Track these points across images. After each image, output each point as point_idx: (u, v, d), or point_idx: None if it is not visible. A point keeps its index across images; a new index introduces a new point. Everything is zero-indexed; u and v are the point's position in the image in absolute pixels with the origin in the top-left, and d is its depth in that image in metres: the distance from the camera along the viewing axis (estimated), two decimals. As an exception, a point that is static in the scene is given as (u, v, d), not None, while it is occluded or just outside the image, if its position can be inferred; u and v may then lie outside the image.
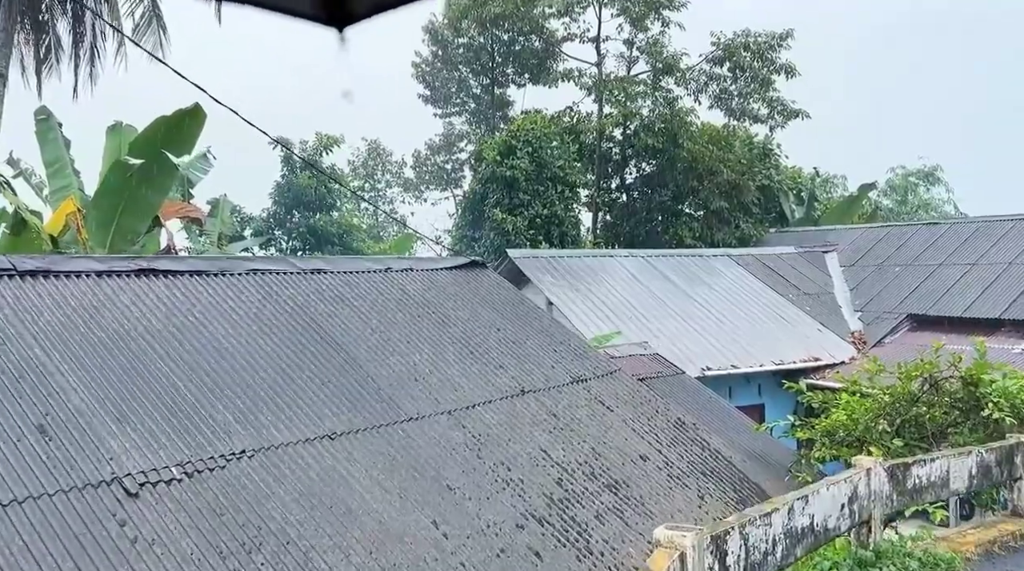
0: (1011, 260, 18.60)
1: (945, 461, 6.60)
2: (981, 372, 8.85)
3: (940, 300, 18.67)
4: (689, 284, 19.78)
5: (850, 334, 19.21)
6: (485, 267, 11.32)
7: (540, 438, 8.27)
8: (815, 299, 20.54)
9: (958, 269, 19.37)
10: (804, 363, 17.64)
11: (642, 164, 27.35)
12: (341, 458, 6.71)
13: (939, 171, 40.65)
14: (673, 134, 25.36)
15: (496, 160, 21.90)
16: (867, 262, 21.93)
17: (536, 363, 9.59)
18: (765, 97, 25.87)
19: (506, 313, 10.37)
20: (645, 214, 26.99)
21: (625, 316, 17.68)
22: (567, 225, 22.47)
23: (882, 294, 20.22)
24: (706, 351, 17.19)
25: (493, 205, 21.91)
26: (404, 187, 34.10)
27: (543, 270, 18.52)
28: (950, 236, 20.89)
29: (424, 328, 9.17)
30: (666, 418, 9.79)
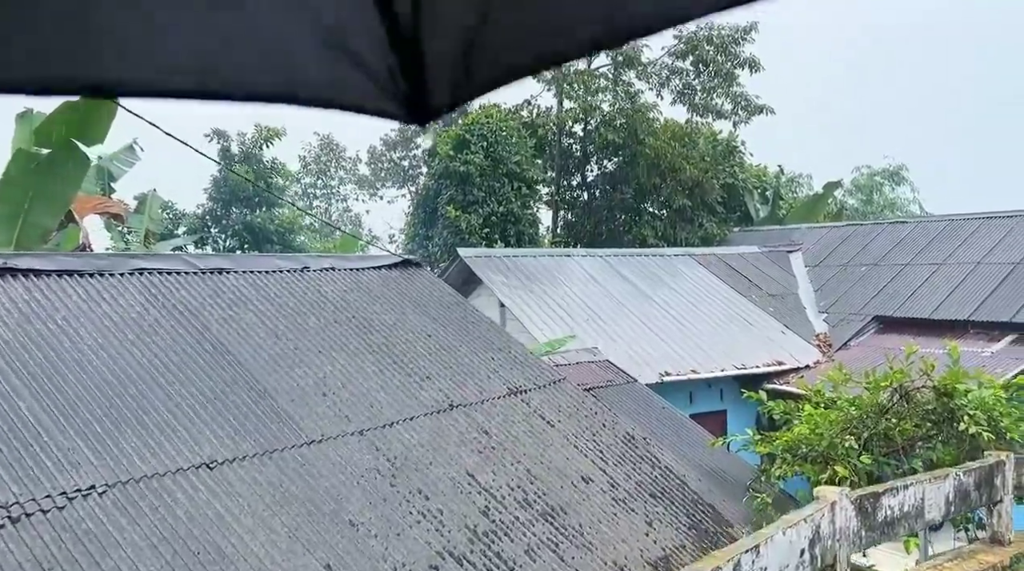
0: (979, 260, 18.02)
1: (919, 488, 5.74)
2: (955, 381, 8.04)
3: (907, 301, 18.03)
4: (649, 285, 18.95)
5: (815, 336, 18.50)
6: (420, 266, 10.33)
7: (467, 460, 7.30)
8: (779, 300, 19.82)
9: (925, 269, 18.76)
10: (767, 367, 16.88)
11: (604, 161, 26.52)
12: (219, 491, 5.68)
13: (904, 171, 40.42)
14: (635, 130, 24.55)
15: (449, 155, 20.91)
16: (832, 262, 21.28)
17: (470, 373, 8.62)
18: (729, 92, 25.17)
19: (440, 317, 9.39)
20: (606, 213, 26.15)
21: (581, 319, 16.78)
22: (524, 223, 21.55)
23: (848, 295, 19.56)
24: (665, 355, 16.35)
25: (446, 202, 20.91)
26: (359, 184, 32.96)
27: (496, 270, 17.56)
28: (916, 235, 20.30)
29: (340, 335, 8.16)
30: (613, 433, 8.87)
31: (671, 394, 16.10)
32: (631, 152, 25.16)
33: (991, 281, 17.10)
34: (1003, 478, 6.91)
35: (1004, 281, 16.88)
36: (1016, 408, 8.36)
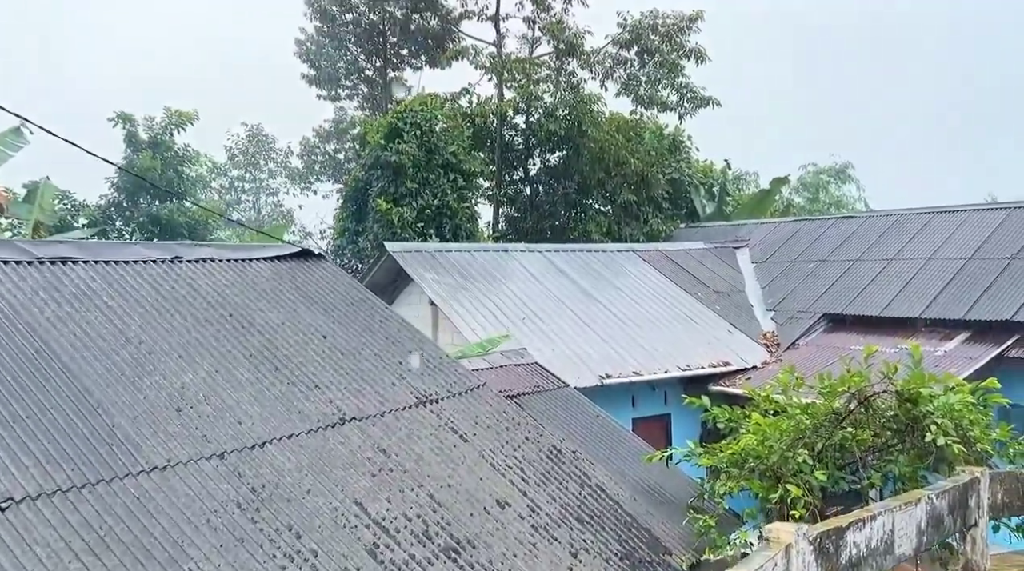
0: (929, 255, 17.42)
1: (888, 517, 4.73)
2: (920, 385, 7.11)
3: (857, 298, 17.34)
4: (591, 282, 17.95)
5: (762, 335, 17.70)
6: (322, 258, 9.08)
7: (356, 485, 6.11)
8: (725, 298, 19.00)
9: (875, 265, 18.12)
10: (713, 368, 16.00)
11: (547, 154, 25.48)
12: (13, 538, 4.40)
13: (850, 169, 40.39)
14: (578, 122, 23.56)
15: (380, 144, 19.63)
16: (779, 258, 20.57)
17: (371, 381, 7.42)
18: (674, 83, 24.34)
19: (341, 316, 8.17)
20: (549, 208, 25.12)
21: (518, 317, 15.68)
22: (461, 217, 20.36)
23: (795, 292, 18.83)
24: (606, 356, 15.33)
25: (377, 194, 19.63)
26: (291, 178, 31.31)
27: (427, 266, 16.35)
28: (865, 230, 19.69)
29: (210, 336, 6.89)
30: (538, 446, 7.75)
31: (612, 397, 15.11)
32: (574, 145, 24.18)
33: (942, 277, 16.49)
34: (978, 498, 5.98)
35: (955, 277, 16.28)
36: (984, 414, 7.48)
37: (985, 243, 16.79)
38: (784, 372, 8.50)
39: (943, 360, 14.31)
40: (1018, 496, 6.47)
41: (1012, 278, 15.36)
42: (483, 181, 25.08)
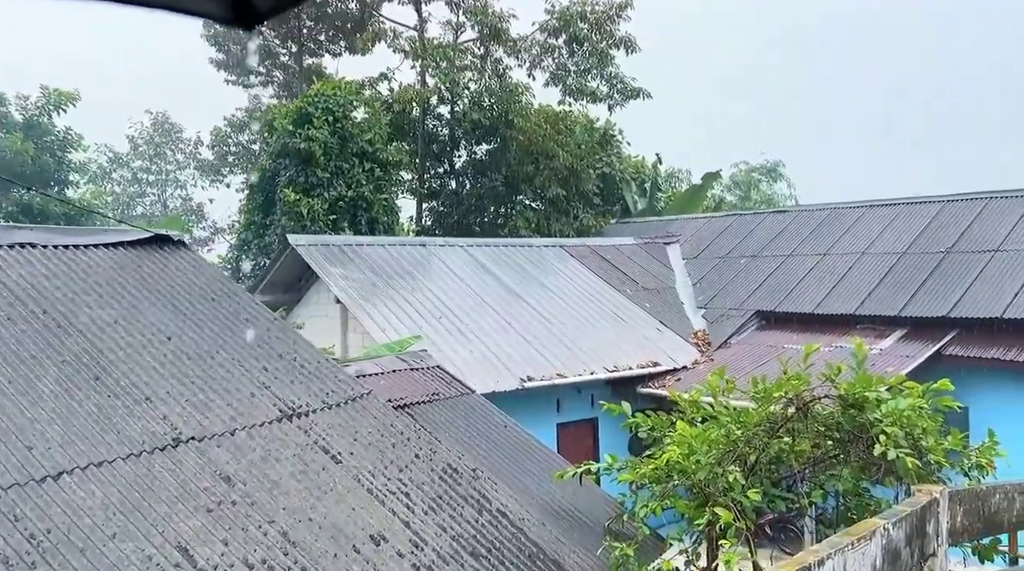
0: (863, 249, 16.85)
1: (839, 559, 3.74)
2: (866, 388, 6.16)
3: (790, 295, 16.65)
4: (515, 279, 16.85)
5: (692, 334, 16.88)
6: (182, 245, 7.72)
7: (185, 525, 4.83)
8: (655, 295, 18.14)
9: (807, 260, 17.49)
10: (641, 369, 15.07)
11: (473, 146, 24.31)
12: None
13: (781, 167, 40.30)
14: (505, 112, 22.45)
15: (288, 130, 18.17)
16: (711, 254, 19.84)
17: (223, 391, 6.14)
18: (604, 73, 23.45)
19: (196, 313, 6.85)
20: (475, 202, 23.96)
21: (434, 317, 14.47)
22: (378, 210, 19.03)
23: (727, 289, 18.08)
24: (529, 357, 14.25)
25: (285, 184, 18.16)
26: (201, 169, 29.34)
27: (335, 261, 15.01)
28: (798, 225, 19.09)
29: (12, 338, 5.52)
30: (430, 466, 6.58)
31: (535, 402, 14.05)
32: (501, 137, 23.07)
33: (877, 272, 15.91)
34: (936, 523, 5.04)
35: (890, 272, 15.71)
36: (934, 419, 6.60)
37: (919, 237, 16.29)
38: (713, 374, 7.52)
39: (879, 358, 13.64)
40: (979, 517, 5.56)
41: (947, 273, 14.84)
42: (405, 173, 23.80)
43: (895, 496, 7.24)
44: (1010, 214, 15.54)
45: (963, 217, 16.18)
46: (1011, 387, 13.06)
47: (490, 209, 24.12)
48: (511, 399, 13.64)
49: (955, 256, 15.19)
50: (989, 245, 15.02)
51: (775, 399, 6.28)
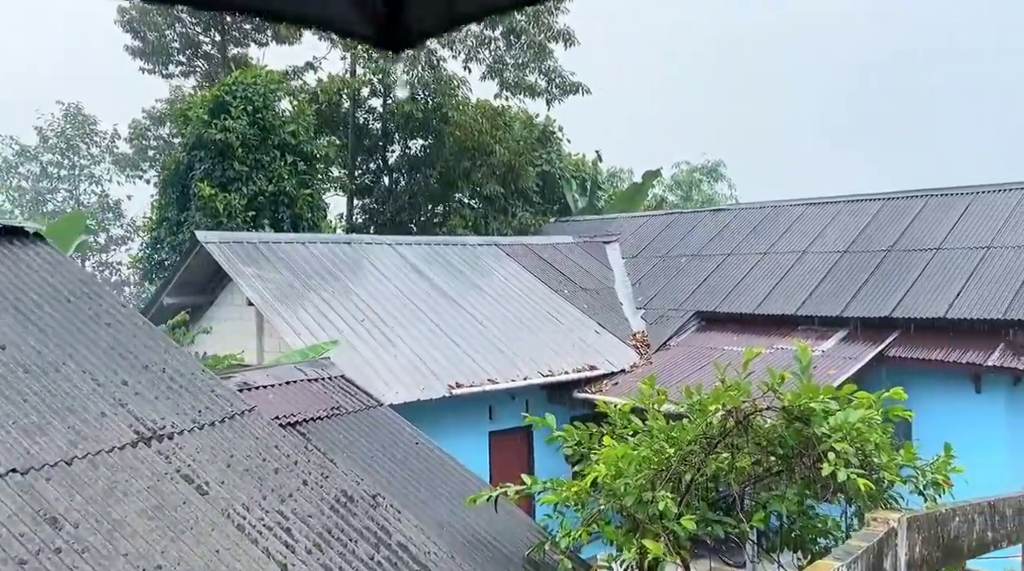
0: (804, 248, 16.44)
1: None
2: (812, 398, 5.47)
3: (730, 295, 16.14)
4: (447, 279, 15.98)
5: (631, 336, 16.24)
6: (39, 239, 6.65)
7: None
8: (593, 295, 17.47)
9: (748, 259, 17.01)
10: (578, 373, 14.34)
11: (407, 141, 23.36)
12: None
13: (722, 167, 40.25)
14: (439, 105, 21.56)
15: (204, 120, 16.97)
16: (651, 253, 19.27)
17: (66, 410, 5.13)
18: (542, 67, 22.74)
19: (40, 318, 5.81)
20: (409, 199, 23.01)
21: (356, 320, 13.51)
22: (302, 206, 17.94)
23: (667, 289, 17.51)
24: (459, 363, 13.39)
25: (200, 178, 16.95)
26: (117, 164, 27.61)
27: (249, 260, 13.92)
28: (738, 223, 18.64)
29: None
30: (320, 494, 5.67)
31: (466, 410, 13.22)
32: (436, 131, 22.17)
33: (818, 271, 15.49)
34: (895, 558, 4.35)
35: (831, 271, 15.30)
36: (885, 429, 5.95)
37: (860, 235, 15.94)
38: (644, 383, 6.78)
39: (821, 360, 13.16)
40: (938, 545, 4.90)
41: (889, 272, 14.47)
42: (336, 169, 22.72)
43: (842, 513, 6.60)
44: (951, 211, 15.27)
45: (904, 215, 15.88)
46: (955, 389, 12.70)
47: (426, 207, 23.18)
48: (440, 407, 12.79)
49: (897, 254, 14.85)
50: (930, 243, 14.71)
51: (712, 412, 5.54)
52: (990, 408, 12.52)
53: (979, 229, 14.44)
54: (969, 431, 12.68)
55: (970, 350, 12.28)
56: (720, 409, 5.46)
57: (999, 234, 14.06)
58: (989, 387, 12.43)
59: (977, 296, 12.87)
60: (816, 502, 6.44)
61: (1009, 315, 12.20)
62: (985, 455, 12.59)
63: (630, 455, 5.49)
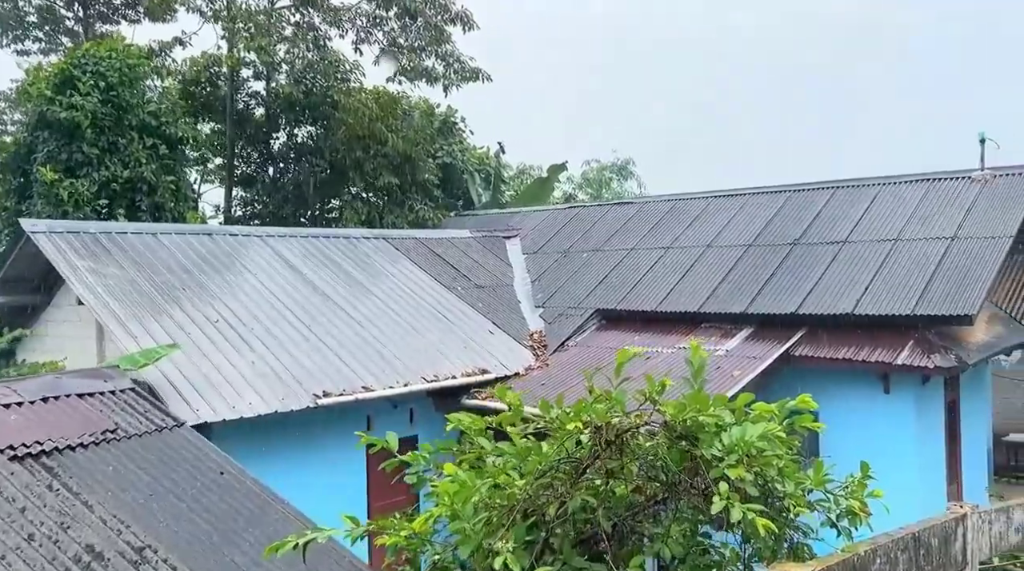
0: (708, 242, 15.57)
1: None
2: (701, 409, 4.25)
3: (632, 292, 15.13)
4: (323, 275, 14.43)
5: (528, 336, 15.05)
6: None
7: None
8: (489, 293, 16.20)
9: (651, 254, 16.06)
10: (467, 377, 13.04)
11: (294, 129, 21.61)
12: None
13: (632, 165, 39.76)
14: (328, 90, 19.94)
15: (47, 96, 14.93)
16: (552, 248, 18.15)
17: None
18: (439, 51, 21.37)
19: None
20: (293, 190, 21.26)
21: (209, 321, 11.84)
22: (164, 194, 16.06)
23: (567, 285, 16.40)
24: (330, 369, 11.88)
25: (43, 161, 14.91)
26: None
27: (84, 252, 12.07)
28: (642, 217, 17.70)
29: None
30: (51, 551, 4.16)
31: (340, 421, 11.68)
32: (324, 117, 20.54)
33: (722, 267, 14.62)
34: (804, 631, 3.16)
35: (735, 266, 14.45)
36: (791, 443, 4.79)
37: (766, 228, 15.16)
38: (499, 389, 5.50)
39: (725, 360, 12.24)
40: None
41: (795, 266, 13.69)
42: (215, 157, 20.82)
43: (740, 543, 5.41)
44: (858, 203, 14.64)
45: (810, 207, 15.19)
46: (864, 390, 11.95)
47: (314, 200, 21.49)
48: (308, 420, 11.28)
49: (803, 248, 14.10)
50: (837, 236, 14.01)
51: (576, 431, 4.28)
52: (899, 408, 11.81)
53: (886, 221, 13.82)
54: (878, 433, 11.96)
55: (879, 348, 11.54)
56: (584, 426, 4.21)
57: (907, 226, 13.45)
58: (898, 387, 11.72)
59: (885, 291, 12.16)
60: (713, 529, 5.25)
61: (919, 310, 11.50)
62: (895, 459, 11.85)
63: (467, 490, 4.19)
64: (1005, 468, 16.02)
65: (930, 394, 12.08)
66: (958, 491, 13.17)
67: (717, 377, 11.81)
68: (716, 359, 12.41)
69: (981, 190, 13.55)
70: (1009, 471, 15.99)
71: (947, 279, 11.85)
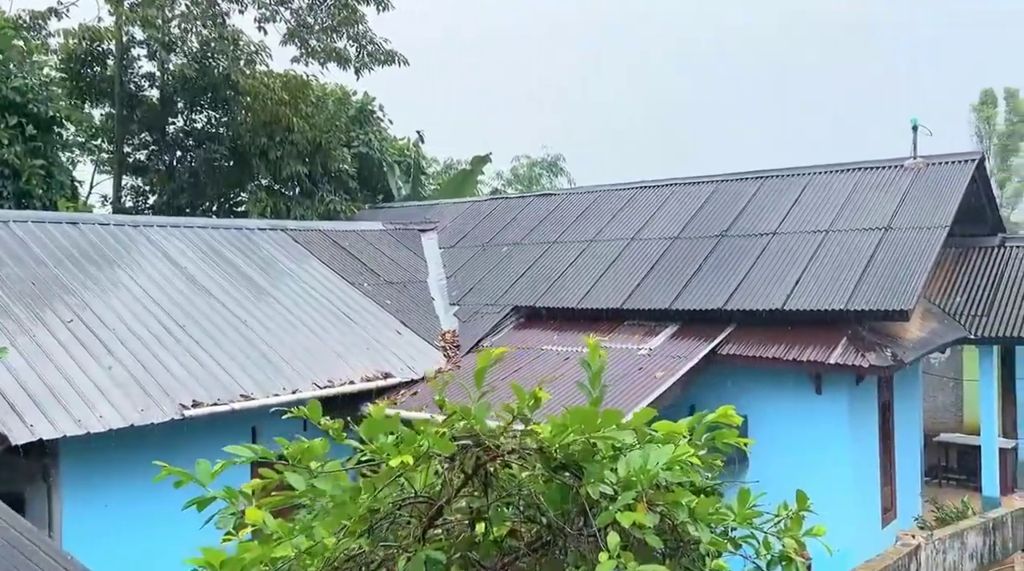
0: (633, 234, 14.63)
1: None
2: (588, 431, 3.06)
3: (552, 287, 14.07)
4: (207, 268, 12.96)
5: (440, 336, 13.85)
6: None
7: None
8: (400, 289, 14.94)
9: (573, 248, 15.04)
10: (367, 382, 11.75)
11: (192, 113, 19.94)
12: None
13: (561, 161, 38.88)
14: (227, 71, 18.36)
15: None
16: (471, 242, 16.99)
17: None
18: (352, 32, 19.98)
19: None
20: (189, 179, 19.60)
21: (62, 320, 10.29)
22: (33, 181, 14.31)
23: (485, 281, 15.26)
24: (203, 374, 10.45)
25: None
26: None
27: (-84, 242, 10.38)
28: (565, 209, 16.68)
29: None
30: None
31: (220, 433, 10.25)
32: (224, 101, 18.94)
33: (647, 260, 13.67)
34: None
35: (661, 259, 13.52)
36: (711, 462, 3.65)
37: (692, 220, 14.29)
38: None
39: (647, 360, 11.26)
40: None
41: (723, 259, 12.82)
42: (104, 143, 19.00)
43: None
44: (787, 194, 13.88)
45: (738, 198, 14.38)
46: (794, 391, 11.13)
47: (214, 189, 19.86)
48: (178, 432, 9.83)
49: (731, 240, 13.25)
50: (766, 228, 13.21)
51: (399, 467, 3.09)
52: (832, 410, 11.02)
53: (817, 212, 13.07)
54: (810, 437, 11.14)
55: (811, 345, 10.70)
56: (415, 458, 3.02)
57: (838, 217, 12.71)
58: (831, 387, 10.92)
59: (817, 285, 11.36)
60: None
61: (852, 305, 10.71)
62: (827, 466, 11.05)
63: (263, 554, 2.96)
64: (937, 469, 15.50)
65: (864, 395, 11.33)
66: (891, 495, 12.50)
67: (639, 378, 10.82)
68: (638, 359, 11.43)
69: (914, 179, 12.91)
70: (941, 472, 15.48)
71: (881, 272, 11.10)
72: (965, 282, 13.80)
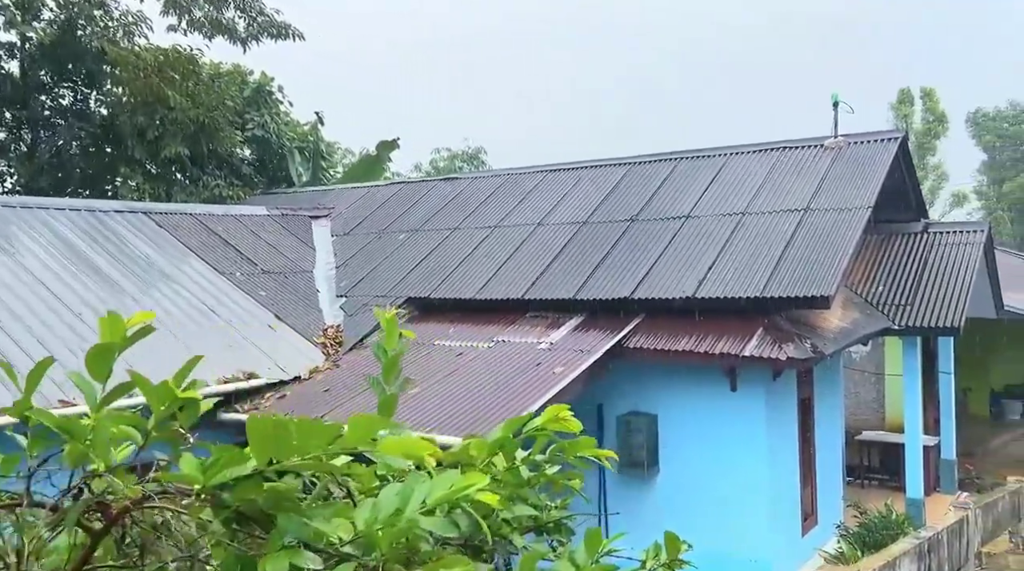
0: (539, 220, 13.39)
1: None
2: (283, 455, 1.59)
3: (450, 277, 12.73)
4: (41, 255, 11.17)
5: (322, 331, 12.35)
6: None
7: None
8: (279, 280, 13.37)
9: (475, 234, 13.73)
10: (225, 384, 10.17)
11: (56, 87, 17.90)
12: None
13: (483, 154, 37.68)
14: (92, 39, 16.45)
15: None
16: (366, 229, 15.53)
17: None
18: (240, 3, 18.25)
19: None
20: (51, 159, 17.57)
21: None
22: None
23: (378, 271, 13.83)
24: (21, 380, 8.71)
25: None
26: None
27: None
28: (470, 193, 15.36)
29: None
30: None
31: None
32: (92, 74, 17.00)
33: (552, 247, 12.45)
34: None
35: (567, 246, 12.32)
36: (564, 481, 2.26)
37: (602, 204, 13.14)
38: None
39: (547, 355, 10.01)
40: None
41: (632, 244, 11.69)
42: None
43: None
44: (702, 175, 12.85)
45: (650, 180, 13.30)
46: (707, 387, 10.04)
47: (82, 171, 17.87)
48: None
49: (641, 225, 12.14)
50: (679, 211, 12.13)
51: None
52: (748, 407, 9.95)
53: (734, 193, 12.06)
54: (725, 437, 10.08)
55: (724, 337, 9.62)
56: None
57: (755, 198, 11.71)
58: (746, 383, 9.85)
59: (732, 270, 10.29)
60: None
61: (769, 292, 9.66)
62: (743, 468, 10.02)
63: None
64: (859, 469, 14.72)
65: (782, 391, 10.31)
66: (812, 498, 11.56)
67: (535, 375, 9.56)
68: (537, 353, 10.17)
69: (835, 159, 12.01)
70: (863, 472, 14.70)
71: (801, 255, 10.11)
72: (888, 270, 12.99)
